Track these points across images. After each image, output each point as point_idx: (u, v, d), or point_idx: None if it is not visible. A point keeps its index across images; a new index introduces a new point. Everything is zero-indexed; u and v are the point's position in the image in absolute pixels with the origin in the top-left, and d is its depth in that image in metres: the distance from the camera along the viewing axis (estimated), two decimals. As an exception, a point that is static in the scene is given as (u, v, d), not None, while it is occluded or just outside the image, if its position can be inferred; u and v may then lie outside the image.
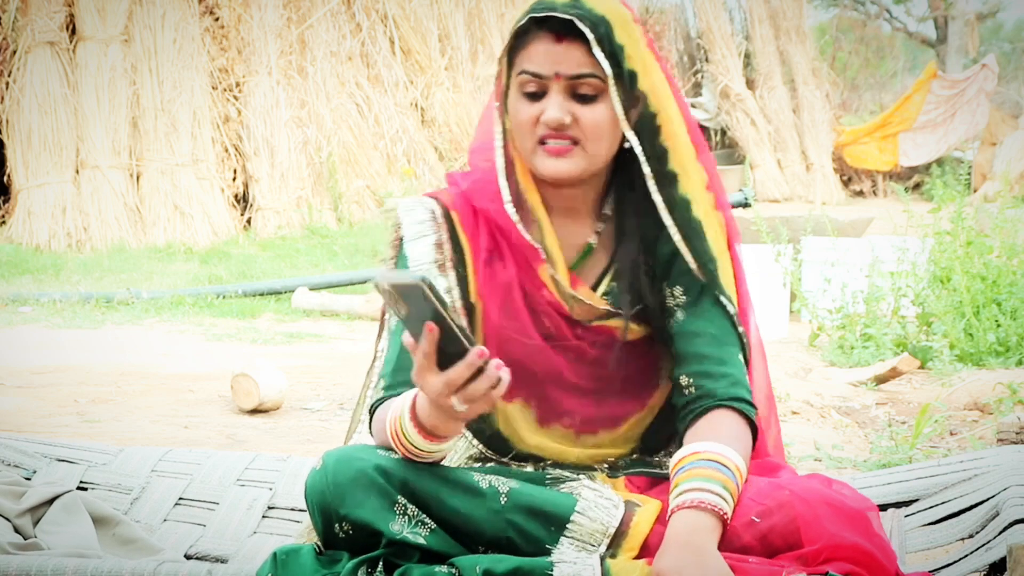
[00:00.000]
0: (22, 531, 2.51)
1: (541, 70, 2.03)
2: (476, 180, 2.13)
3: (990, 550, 2.04)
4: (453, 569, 1.91)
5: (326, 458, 1.97)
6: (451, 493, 1.95)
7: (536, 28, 2.04)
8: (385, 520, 1.91)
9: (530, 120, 2.04)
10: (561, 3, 2.03)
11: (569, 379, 2.10)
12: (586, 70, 2.02)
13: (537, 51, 2.03)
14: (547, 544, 1.94)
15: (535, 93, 2.04)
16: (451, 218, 2.11)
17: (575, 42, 2.01)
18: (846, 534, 1.87)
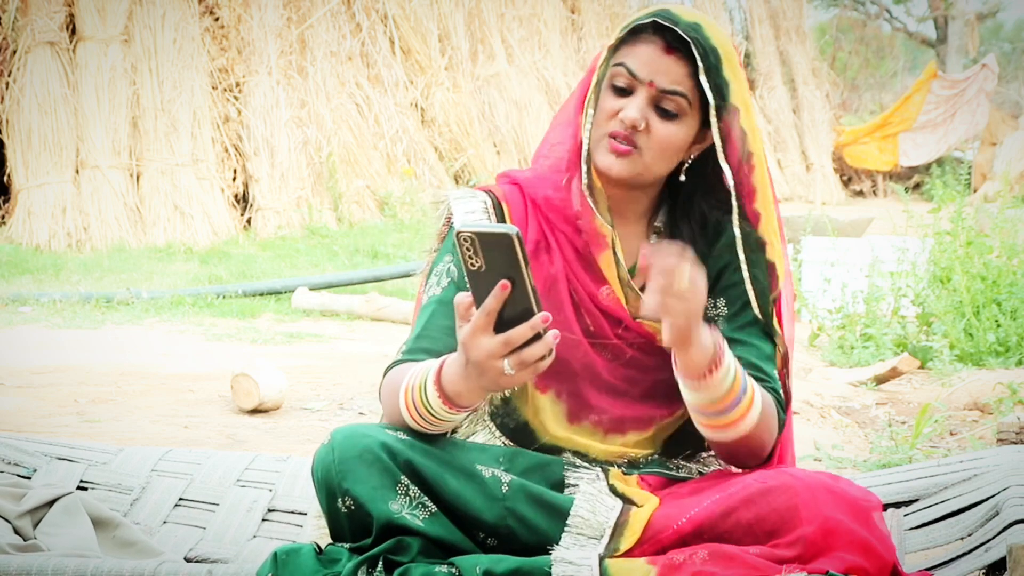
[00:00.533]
0: (22, 532, 2.51)
1: (640, 72, 2.06)
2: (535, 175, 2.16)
3: (990, 550, 2.04)
4: (453, 569, 1.92)
5: (334, 434, 2.00)
6: (454, 477, 1.97)
7: (651, 31, 2.07)
8: (385, 498, 1.93)
9: (610, 112, 2.08)
10: (684, 21, 2.06)
11: (604, 377, 2.12)
12: (678, 87, 2.06)
13: (643, 52, 2.06)
14: (549, 534, 1.96)
15: (623, 89, 2.08)
16: (502, 209, 2.14)
17: (681, 60, 2.05)
18: (845, 519, 1.88)
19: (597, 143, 2.09)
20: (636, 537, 1.95)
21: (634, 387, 2.13)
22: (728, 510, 1.93)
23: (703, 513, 1.94)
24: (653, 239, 2.16)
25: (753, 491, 1.93)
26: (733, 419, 2.00)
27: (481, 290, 1.84)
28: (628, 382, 2.13)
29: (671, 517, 1.96)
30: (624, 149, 2.07)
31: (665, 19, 2.06)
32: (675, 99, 2.06)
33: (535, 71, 13.20)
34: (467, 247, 1.82)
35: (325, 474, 1.96)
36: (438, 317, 2.10)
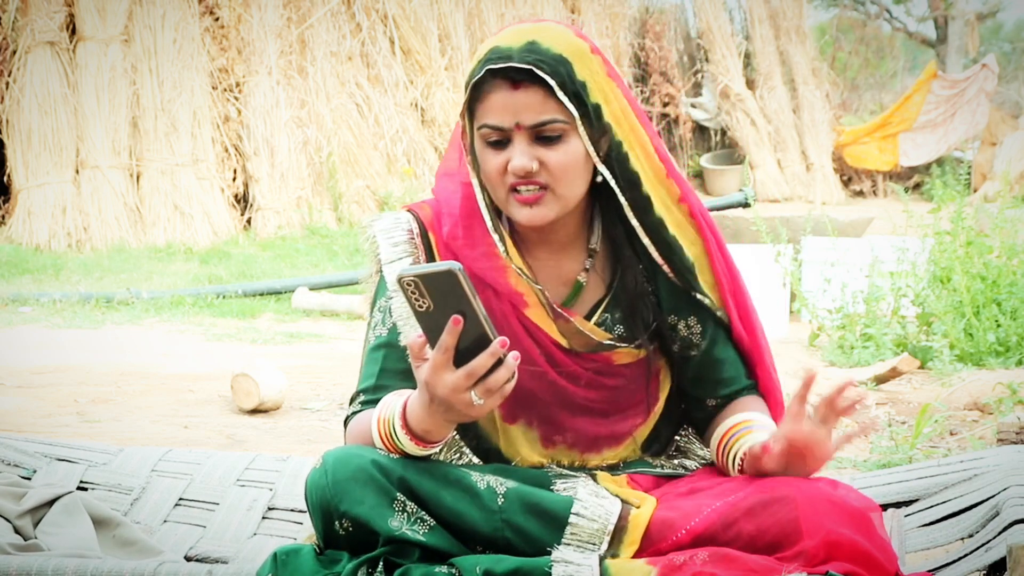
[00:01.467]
0: (22, 532, 2.51)
1: (501, 122, 1.99)
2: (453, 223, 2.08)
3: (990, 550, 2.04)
4: (453, 569, 1.91)
5: (326, 457, 1.98)
6: (449, 492, 1.96)
7: (491, 77, 1.98)
8: (384, 517, 1.92)
9: (498, 169, 2.01)
10: (517, 49, 1.98)
11: (574, 401, 2.10)
12: (547, 116, 1.98)
13: (495, 102, 1.99)
14: (546, 544, 1.95)
15: (499, 141, 2.01)
16: (428, 239, 2.10)
17: (532, 87, 1.98)
18: (846, 531, 1.88)
19: (505, 203, 2.03)
20: (635, 547, 1.95)
21: (603, 405, 2.12)
22: (729, 521, 1.92)
23: (703, 523, 1.93)
24: (588, 263, 2.12)
25: (753, 503, 1.92)
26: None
27: (433, 329, 1.83)
28: (599, 402, 2.11)
29: (671, 527, 1.95)
30: (533, 197, 2.01)
31: (497, 60, 1.98)
32: (549, 126, 1.99)
33: (535, 71, 13.20)
34: (411, 291, 1.81)
35: (320, 497, 1.95)
36: (389, 361, 2.08)
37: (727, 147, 15.62)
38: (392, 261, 2.12)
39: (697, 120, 15.55)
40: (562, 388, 2.09)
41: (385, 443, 1.97)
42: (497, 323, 2.05)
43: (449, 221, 2.08)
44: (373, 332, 2.12)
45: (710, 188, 14.85)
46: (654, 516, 1.97)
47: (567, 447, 2.11)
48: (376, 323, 2.13)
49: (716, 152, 15.54)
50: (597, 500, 1.99)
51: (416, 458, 1.98)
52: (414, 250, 2.10)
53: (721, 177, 14.95)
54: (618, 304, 2.11)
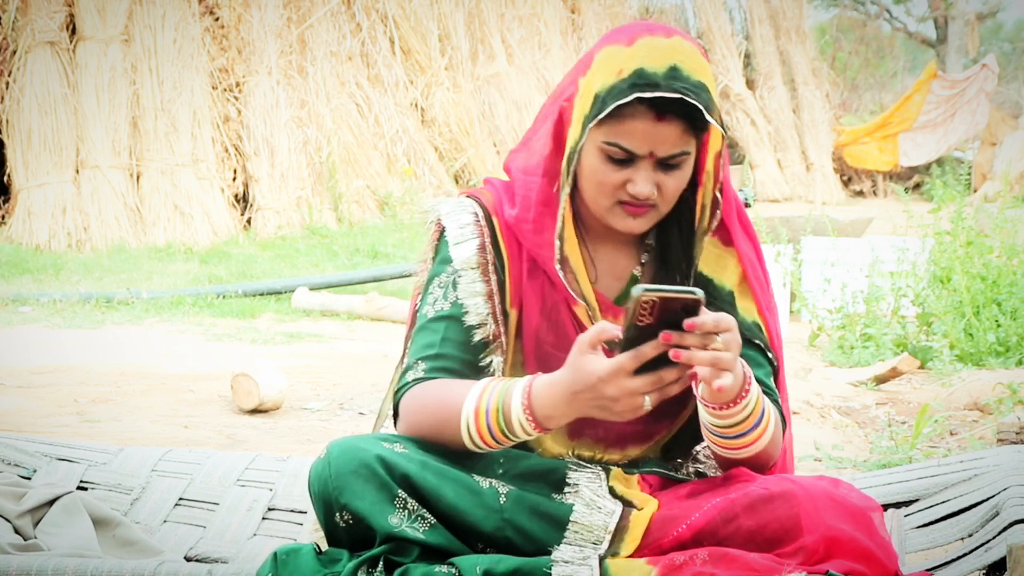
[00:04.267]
0: (22, 532, 2.51)
1: (637, 150, 1.98)
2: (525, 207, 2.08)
3: (990, 550, 2.04)
4: (453, 569, 1.91)
5: (330, 447, 1.98)
6: (451, 489, 1.96)
7: (634, 102, 1.95)
8: (384, 513, 1.93)
9: (615, 184, 2.00)
10: (662, 75, 1.95)
11: None
12: (679, 150, 1.98)
13: (636, 129, 1.96)
14: (548, 544, 1.95)
15: (622, 160, 1.99)
16: (492, 222, 2.10)
17: (674, 120, 1.96)
18: (846, 528, 1.88)
19: (607, 209, 2.02)
20: (636, 544, 1.95)
21: None
22: (729, 516, 1.92)
23: (703, 519, 1.93)
24: (644, 257, 2.13)
25: (754, 498, 1.92)
26: (749, 441, 2.00)
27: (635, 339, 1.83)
28: None
29: (671, 522, 1.95)
30: (641, 211, 2.02)
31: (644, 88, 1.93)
32: (678, 158, 1.99)
33: (535, 71, 13.20)
34: (643, 307, 1.80)
35: (322, 488, 1.95)
36: (452, 332, 2.07)
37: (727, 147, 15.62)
38: (459, 242, 2.10)
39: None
40: None
41: (479, 422, 1.96)
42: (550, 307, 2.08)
43: (523, 203, 2.08)
44: (432, 307, 2.09)
45: (710, 188, 14.85)
46: (655, 515, 1.98)
47: (593, 441, 2.11)
48: (436, 298, 2.09)
49: (716, 152, 15.52)
50: (598, 502, 1.99)
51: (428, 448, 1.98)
52: (479, 232, 2.10)
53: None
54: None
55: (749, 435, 1.99)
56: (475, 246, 2.09)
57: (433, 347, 2.06)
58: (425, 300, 2.11)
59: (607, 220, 2.05)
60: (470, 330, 2.07)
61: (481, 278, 2.08)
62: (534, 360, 2.08)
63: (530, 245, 2.08)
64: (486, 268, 2.09)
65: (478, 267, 2.08)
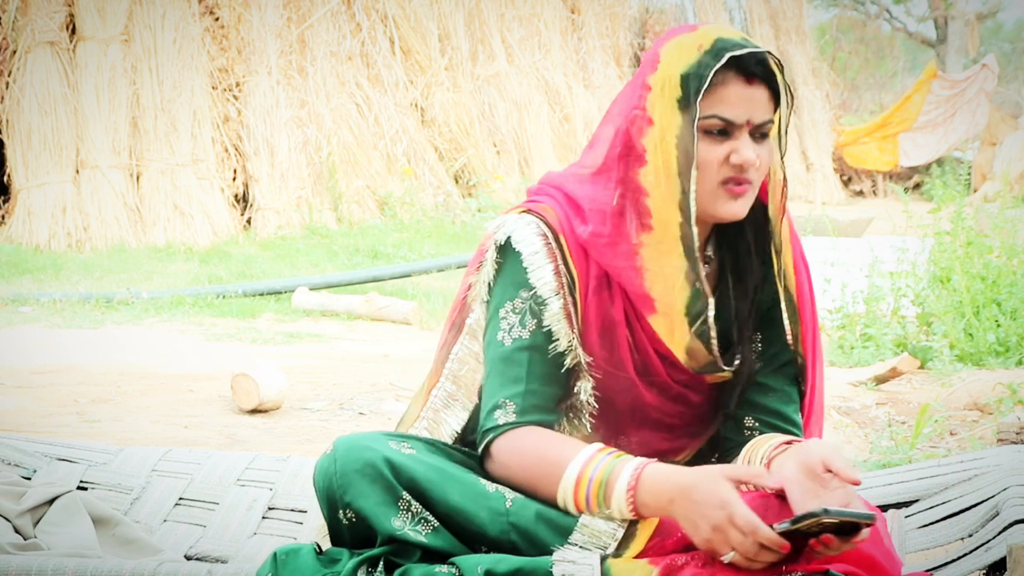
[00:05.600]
0: (22, 531, 2.51)
1: (735, 117, 1.98)
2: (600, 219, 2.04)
3: (990, 550, 2.04)
4: (454, 569, 1.91)
5: (337, 444, 1.97)
6: (457, 491, 1.95)
7: (722, 70, 1.97)
8: (387, 515, 1.92)
9: (719, 160, 1.99)
10: (739, 40, 1.98)
11: (650, 414, 2.09)
12: (769, 116, 2.00)
13: (731, 95, 1.97)
14: (551, 548, 1.95)
15: (721, 132, 1.99)
16: (560, 242, 2.06)
17: (761, 84, 1.98)
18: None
19: (712, 194, 2.00)
20: (640, 548, 1.94)
21: (678, 421, 2.11)
22: None
23: None
24: (705, 269, 2.09)
25: (756, 504, 1.92)
26: None
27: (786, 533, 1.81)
28: (674, 416, 2.10)
29: (675, 525, 1.95)
30: (742, 189, 2.00)
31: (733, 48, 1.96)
32: (767, 125, 2.00)
33: (535, 71, 13.19)
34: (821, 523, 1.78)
35: (327, 485, 1.95)
36: (535, 365, 2.04)
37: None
38: (536, 268, 2.05)
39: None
40: (643, 399, 2.07)
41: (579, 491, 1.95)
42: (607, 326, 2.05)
43: (597, 217, 2.04)
44: (509, 335, 2.05)
45: (710, 188, 14.85)
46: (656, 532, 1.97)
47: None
48: (512, 325, 2.05)
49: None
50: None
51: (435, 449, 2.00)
52: (551, 255, 2.05)
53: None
54: (718, 317, 2.07)
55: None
56: (551, 270, 2.05)
57: (520, 382, 2.03)
58: (498, 326, 2.06)
59: (709, 210, 2.01)
60: (553, 360, 2.04)
61: (562, 303, 2.05)
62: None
63: (605, 260, 2.04)
64: (564, 291, 2.05)
65: (559, 292, 2.05)
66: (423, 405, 2.16)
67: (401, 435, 2.03)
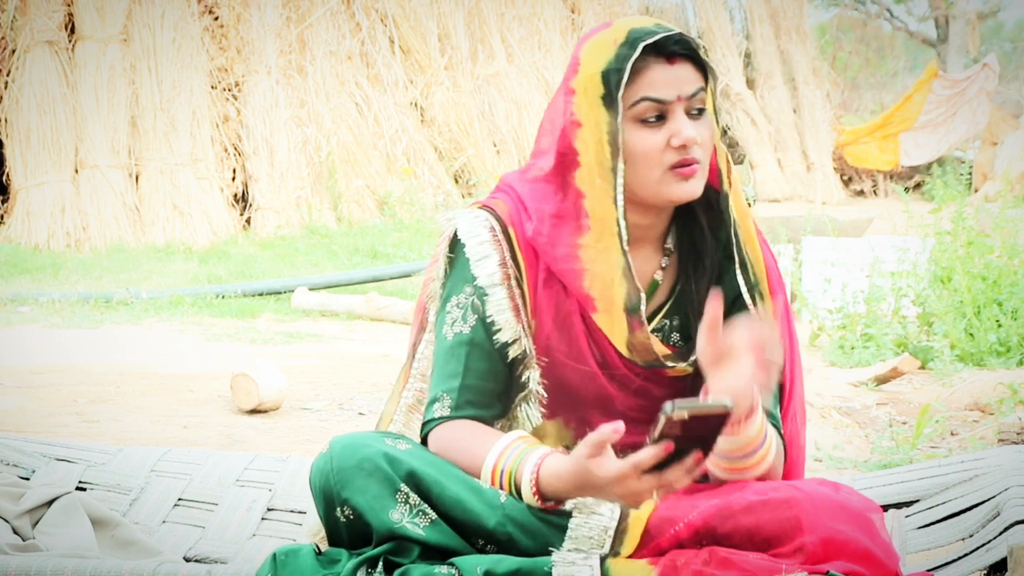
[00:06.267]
0: (21, 532, 2.50)
1: (664, 95, 2.00)
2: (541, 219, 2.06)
3: (990, 550, 2.04)
4: (453, 569, 1.91)
5: (333, 443, 1.99)
6: (453, 484, 1.97)
7: (643, 55, 2.00)
8: (385, 508, 1.93)
9: (658, 147, 2.00)
10: (652, 26, 2.01)
11: (616, 407, 2.09)
12: (698, 85, 2.01)
13: (655, 77, 2.00)
14: (548, 540, 1.95)
15: (657, 117, 2.01)
16: (509, 234, 2.08)
17: (685, 61, 2.01)
18: (847, 530, 1.87)
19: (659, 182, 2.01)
20: (635, 544, 1.95)
21: (643, 415, 2.10)
22: (727, 514, 1.92)
23: (701, 518, 1.93)
24: (664, 261, 2.11)
25: (753, 499, 1.92)
26: (752, 464, 2.00)
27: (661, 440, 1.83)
28: (638, 411, 2.10)
29: (669, 522, 1.95)
30: (691, 170, 2.01)
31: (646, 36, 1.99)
32: (699, 96, 2.02)
33: (535, 71, 13.19)
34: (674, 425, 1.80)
35: (323, 483, 1.96)
36: (473, 361, 2.06)
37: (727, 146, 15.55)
38: (480, 259, 2.08)
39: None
40: (606, 392, 2.09)
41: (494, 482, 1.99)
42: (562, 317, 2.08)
43: (537, 217, 2.07)
44: (452, 328, 2.08)
45: (710, 188, 14.84)
46: (653, 513, 1.97)
47: None
48: (455, 319, 2.08)
49: (716, 152, 15.53)
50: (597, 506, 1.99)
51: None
52: (497, 247, 2.08)
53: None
54: (678, 310, 2.10)
55: (751, 457, 1.99)
56: (496, 262, 2.07)
57: (457, 377, 2.06)
58: (443, 319, 2.09)
59: (662, 196, 2.02)
60: (494, 354, 2.06)
61: (507, 294, 2.07)
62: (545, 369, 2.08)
63: (547, 259, 2.07)
64: (510, 283, 2.07)
65: (503, 283, 2.07)
66: (396, 405, 2.19)
67: (396, 434, 2.04)
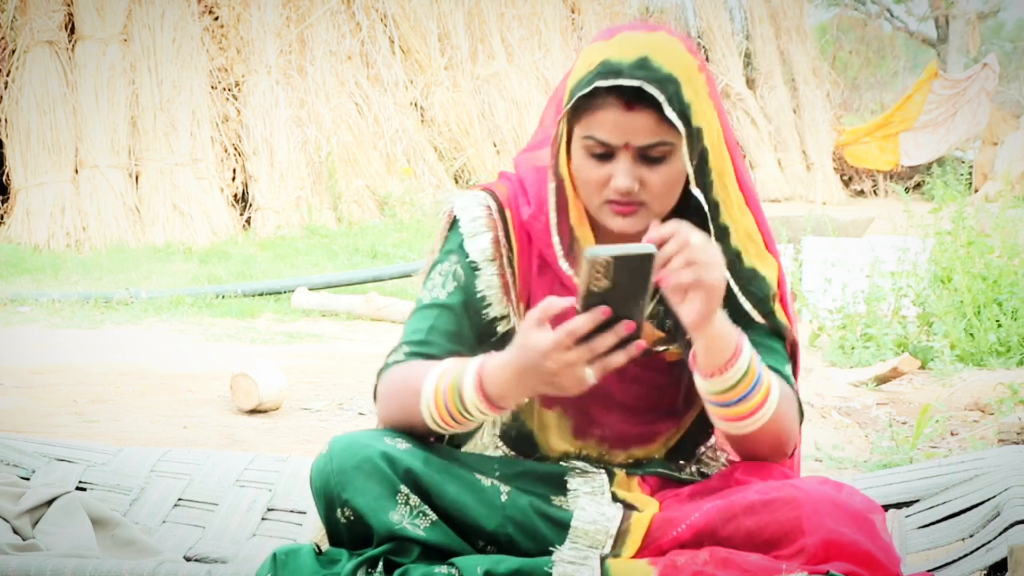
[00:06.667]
0: (21, 532, 2.50)
1: (610, 139, 1.95)
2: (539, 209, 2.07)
3: (991, 551, 2.04)
4: (453, 569, 1.91)
5: (333, 443, 1.98)
6: (454, 485, 1.96)
7: (603, 92, 1.94)
8: (385, 509, 1.92)
9: (598, 181, 1.98)
10: (628, 64, 1.93)
11: (614, 396, 2.09)
12: (656, 139, 1.95)
13: (606, 119, 1.95)
14: (548, 541, 1.95)
15: (603, 155, 1.97)
16: (505, 216, 2.09)
17: (645, 109, 1.94)
18: (847, 531, 1.87)
19: (598, 210, 2.01)
20: (637, 546, 1.95)
21: (643, 403, 2.10)
22: (729, 516, 1.92)
23: (703, 519, 1.93)
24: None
25: (755, 500, 1.91)
26: (749, 409, 1.97)
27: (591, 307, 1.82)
28: (636, 398, 2.09)
29: (670, 524, 1.95)
30: (629, 210, 1.99)
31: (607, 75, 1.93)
32: (657, 148, 1.96)
33: (535, 71, 13.19)
34: (598, 269, 1.78)
35: (324, 484, 1.95)
36: (442, 321, 2.06)
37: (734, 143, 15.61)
38: (473, 235, 2.08)
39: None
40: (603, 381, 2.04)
41: (438, 409, 1.95)
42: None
43: (536, 202, 2.07)
44: (430, 292, 2.08)
45: (710, 188, 14.84)
46: (655, 515, 1.98)
47: (597, 440, 2.10)
48: (435, 285, 2.08)
49: (716, 152, 15.53)
50: (599, 504, 1.99)
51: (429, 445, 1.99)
52: (492, 226, 2.08)
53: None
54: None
55: (747, 401, 1.97)
56: (489, 239, 2.07)
57: (420, 332, 2.06)
58: (425, 286, 2.11)
59: (600, 220, 2.03)
60: (466, 322, 2.06)
61: (498, 271, 2.07)
62: None
63: (541, 245, 2.07)
64: (501, 262, 2.08)
65: (495, 260, 2.07)
66: None
67: (396, 433, 2.03)
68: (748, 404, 1.97)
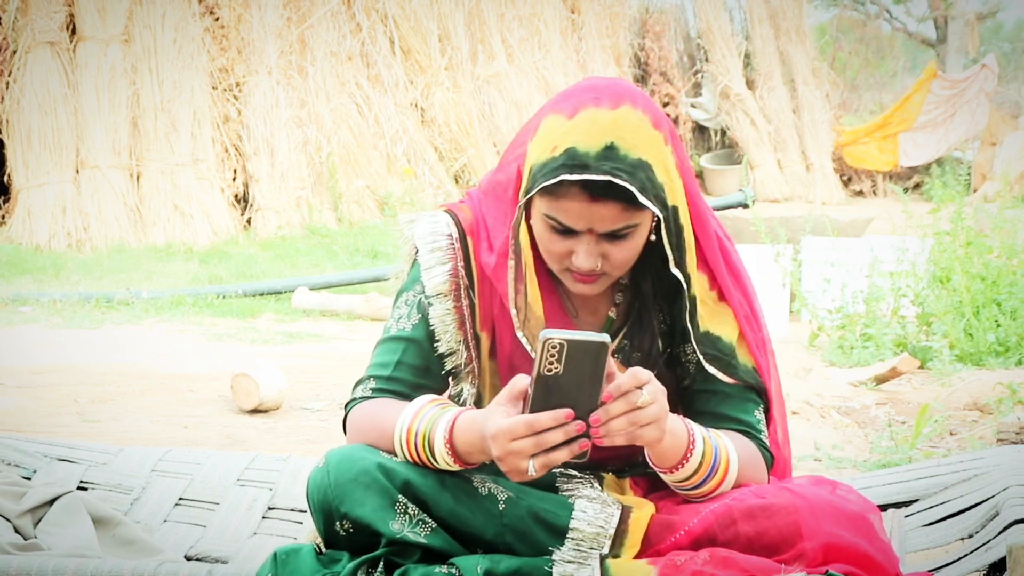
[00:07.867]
0: (22, 532, 2.50)
1: (574, 226, 1.93)
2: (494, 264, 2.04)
3: (990, 550, 2.04)
4: (453, 569, 1.91)
5: (329, 456, 1.98)
6: (451, 495, 1.96)
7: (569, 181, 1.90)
8: (385, 519, 1.92)
9: (560, 253, 1.97)
10: (594, 155, 1.88)
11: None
12: (621, 224, 1.93)
13: (571, 207, 1.91)
14: (546, 547, 1.95)
15: (565, 231, 1.95)
16: (467, 244, 2.08)
17: (611, 200, 1.90)
18: (846, 535, 1.88)
19: (559, 274, 2.00)
20: (636, 548, 1.95)
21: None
22: (728, 522, 1.92)
23: (701, 525, 1.94)
24: (619, 297, 2.10)
25: (753, 505, 1.92)
26: (713, 486, 1.99)
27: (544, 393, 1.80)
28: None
29: (669, 529, 1.96)
30: (590, 279, 1.98)
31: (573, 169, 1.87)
32: (622, 231, 1.94)
33: (535, 71, 13.19)
34: (551, 353, 1.77)
35: (322, 498, 1.95)
36: (408, 356, 2.07)
37: (727, 147, 15.62)
38: (430, 267, 2.08)
39: (697, 120, 15.55)
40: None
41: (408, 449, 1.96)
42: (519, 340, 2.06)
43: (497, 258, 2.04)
44: (396, 324, 2.09)
45: (710, 188, 14.85)
46: (654, 518, 1.98)
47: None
48: (401, 316, 2.10)
49: (716, 152, 15.54)
50: (597, 505, 1.99)
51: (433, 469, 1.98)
52: (452, 256, 2.07)
53: (721, 177, 14.95)
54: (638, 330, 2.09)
55: (708, 482, 1.98)
56: (447, 271, 2.07)
57: (387, 368, 2.08)
58: (392, 314, 2.12)
59: (563, 281, 2.02)
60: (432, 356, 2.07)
61: (453, 304, 2.06)
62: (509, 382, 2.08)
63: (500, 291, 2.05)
64: (458, 293, 2.07)
65: (449, 294, 2.07)
66: None
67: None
68: (710, 484, 1.99)
